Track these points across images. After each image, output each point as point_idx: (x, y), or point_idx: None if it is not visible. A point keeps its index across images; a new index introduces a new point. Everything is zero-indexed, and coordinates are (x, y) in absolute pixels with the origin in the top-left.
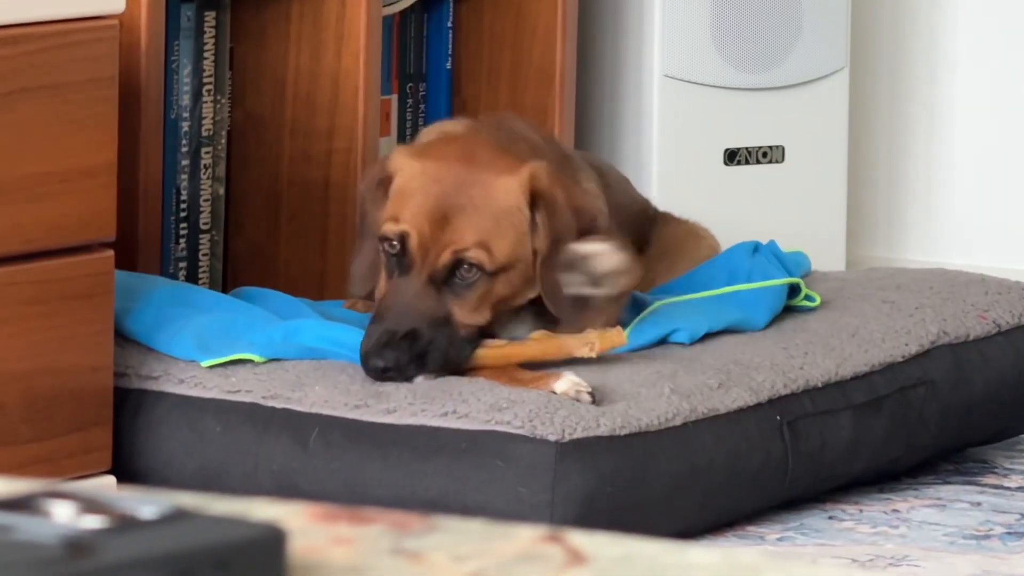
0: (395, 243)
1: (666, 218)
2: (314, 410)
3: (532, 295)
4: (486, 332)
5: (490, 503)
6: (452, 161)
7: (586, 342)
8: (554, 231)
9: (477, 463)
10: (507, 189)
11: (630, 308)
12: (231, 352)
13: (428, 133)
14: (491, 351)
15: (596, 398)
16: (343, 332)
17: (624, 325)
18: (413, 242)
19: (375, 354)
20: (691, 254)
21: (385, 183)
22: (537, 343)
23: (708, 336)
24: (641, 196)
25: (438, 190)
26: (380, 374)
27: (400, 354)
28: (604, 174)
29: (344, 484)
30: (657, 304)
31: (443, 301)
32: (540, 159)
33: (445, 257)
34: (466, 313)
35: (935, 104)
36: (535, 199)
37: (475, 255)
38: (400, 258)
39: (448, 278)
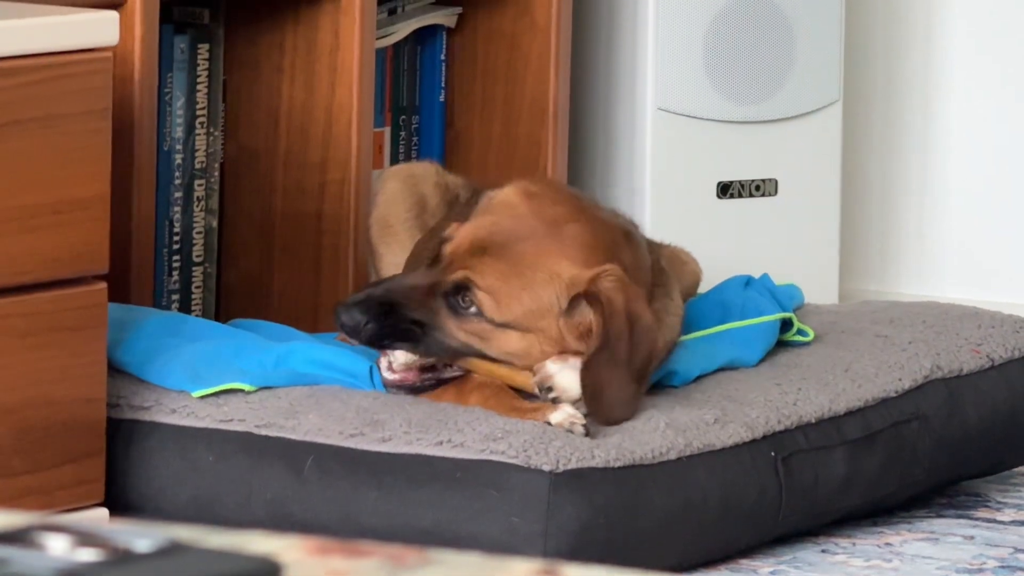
0: (442, 242)
1: (649, 244)
2: (308, 438)
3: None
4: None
5: (484, 533)
6: (542, 217)
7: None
8: (605, 333)
9: (471, 492)
10: (552, 275)
11: None
12: (221, 381)
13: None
14: (480, 361)
15: (590, 431)
16: (335, 355)
17: None
18: (447, 249)
19: (344, 309)
20: (674, 279)
21: (458, 195)
22: (529, 375)
23: (702, 375)
24: (626, 218)
25: (504, 227)
26: (341, 325)
27: (369, 318)
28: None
29: (338, 513)
30: None
31: (435, 310)
32: (634, 274)
33: (456, 275)
34: (457, 330)
35: (929, 137)
36: (592, 300)
37: (480, 296)
38: (435, 256)
39: (450, 295)
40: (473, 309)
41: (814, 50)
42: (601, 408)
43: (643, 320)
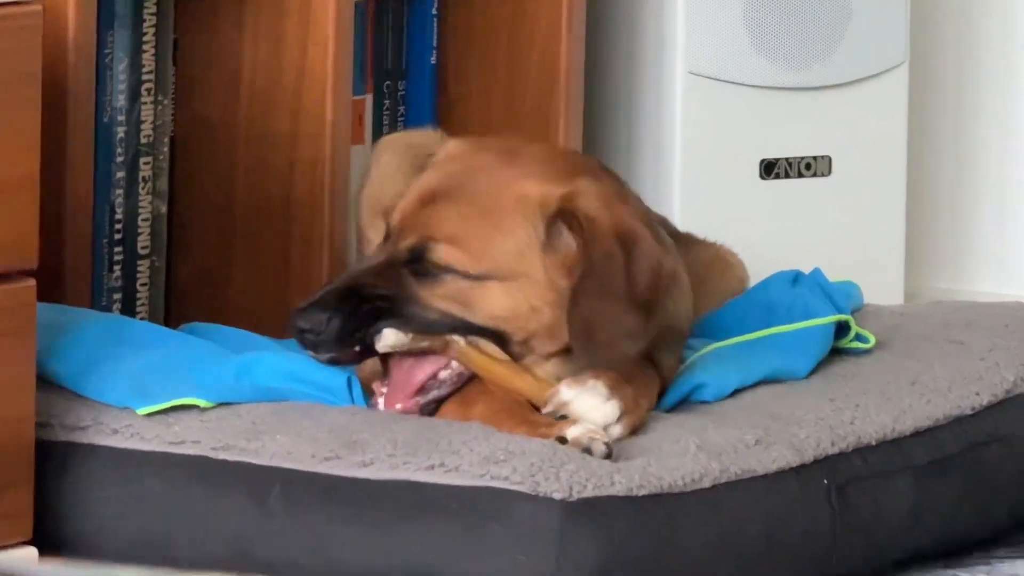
0: (389, 215)
1: (687, 241)
2: (275, 463)
3: (553, 347)
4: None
5: (484, 573)
6: (495, 149)
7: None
8: (589, 259)
9: (469, 525)
10: (519, 198)
11: None
12: (173, 396)
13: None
14: (477, 354)
15: (612, 451)
16: (307, 366)
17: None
18: (394, 219)
19: (299, 314)
20: (717, 286)
21: (423, 164)
22: (533, 380)
23: (740, 388)
24: (658, 215)
25: (453, 171)
26: (301, 336)
27: (331, 313)
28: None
29: (311, 550)
30: (688, 361)
31: (403, 284)
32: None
33: (409, 239)
34: (432, 299)
35: (1010, 107)
36: (568, 219)
37: (444, 251)
38: (386, 235)
39: (412, 263)
40: (442, 269)
41: (876, 4)
42: (596, 348)
43: (639, 238)
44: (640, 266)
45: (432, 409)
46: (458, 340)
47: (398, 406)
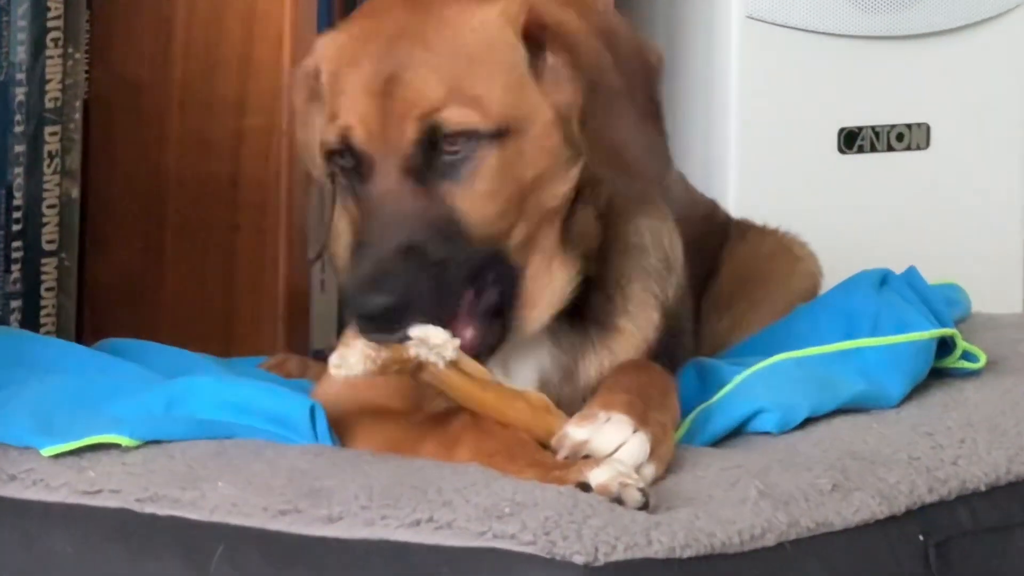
0: (342, 151)
1: (742, 229)
2: (217, 518)
3: (565, 187)
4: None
5: None
6: (392, 14)
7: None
8: (584, 69)
9: None
10: (482, 20)
11: (695, 380)
12: (87, 433)
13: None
14: (459, 378)
15: (649, 500)
16: (256, 393)
17: (683, 410)
18: (360, 134)
19: (367, 289)
20: (782, 285)
21: (314, 86)
22: (527, 408)
23: (812, 418)
24: (704, 197)
25: (375, 52)
26: (384, 323)
27: (409, 280)
28: None
29: None
30: (739, 378)
31: (438, 194)
32: None
33: (409, 131)
34: (480, 205)
35: None
36: (539, 32)
37: (454, 114)
38: (357, 169)
39: (431, 161)
40: (464, 142)
41: None
42: (630, 169)
43: (615, 27)
44: (631, 64)
45: None
46: (434, 361)
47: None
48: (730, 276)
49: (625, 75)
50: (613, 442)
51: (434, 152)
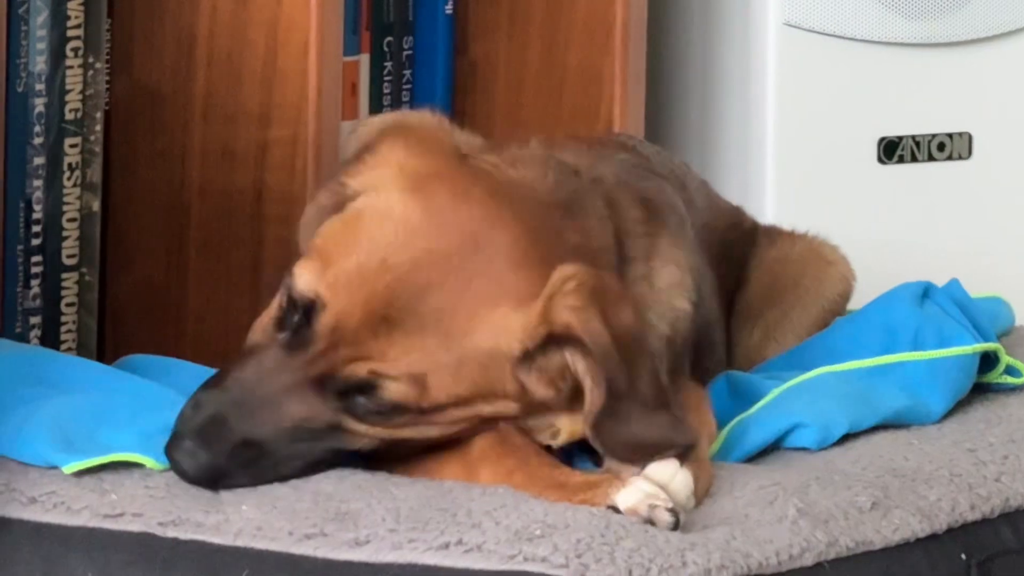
0: (298, 307)
1: (771, 234)
2: (241, 543)
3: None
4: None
5: None
6: (449, 232)
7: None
8: (602, 380)
9: None
10: (498, 331)
11: (729, 395)
12: (108, 451)
13: (465, 137)
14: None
15: (681, 520)
16: None
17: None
18: (324, 325)
19: (181, 445)
20: (813, 290)
21: (342, 197)
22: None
23: (851, 434)
24: (729, 204)
25: (399, 265)
26: (181, 471)
27: (223, 460)
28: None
29: None
30: (777, 391)
31: (328, 407)
32: (591, 256)
33: (355, 371)
34: (367, 428)
35: None
36: (560, 341)
37: (397, 390)
38: (298, 328)
39: (351, 394)
40: (391, 405)
41: None
42: (653, 453)
43: (626, 331)
44: (638, 365)
45: None
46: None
47: None
48: (759, 284)
49: (631, 375)
50: (649, 483)
51: (357, 391)
